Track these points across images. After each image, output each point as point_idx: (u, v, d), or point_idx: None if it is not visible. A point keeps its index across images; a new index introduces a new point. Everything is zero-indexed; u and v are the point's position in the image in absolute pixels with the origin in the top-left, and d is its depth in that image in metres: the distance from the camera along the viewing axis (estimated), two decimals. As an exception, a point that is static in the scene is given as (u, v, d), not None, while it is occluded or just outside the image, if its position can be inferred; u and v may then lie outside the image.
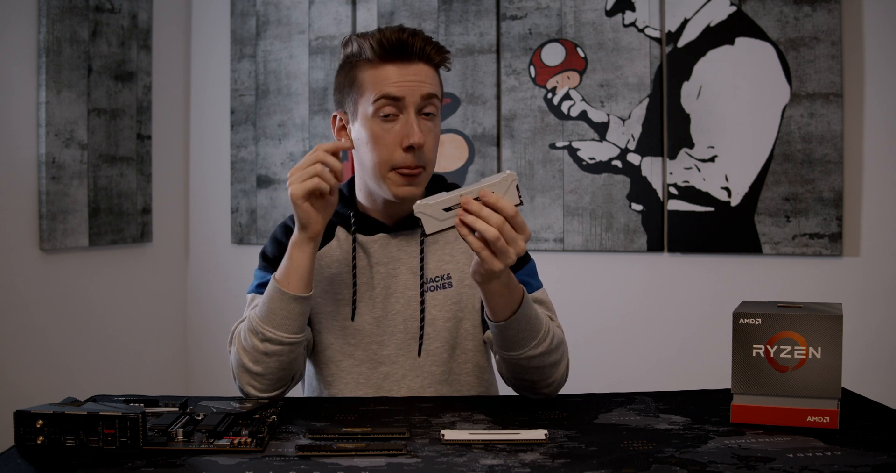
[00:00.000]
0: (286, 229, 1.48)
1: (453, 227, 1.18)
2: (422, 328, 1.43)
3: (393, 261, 1.45)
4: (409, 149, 1.34)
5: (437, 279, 1.44)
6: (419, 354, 1.43)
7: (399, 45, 1.35)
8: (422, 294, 1.43)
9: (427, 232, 1.19)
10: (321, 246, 1.45)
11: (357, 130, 1.39)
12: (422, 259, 1.44)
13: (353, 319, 1.43)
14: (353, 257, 1.44)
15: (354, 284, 1.44)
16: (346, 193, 1.49)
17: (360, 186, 1.46)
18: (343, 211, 1.46)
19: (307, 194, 1.27)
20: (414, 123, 1.34)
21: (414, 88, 1.35)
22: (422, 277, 1.44)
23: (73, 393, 2.26)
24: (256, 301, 1.42)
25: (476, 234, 1.16)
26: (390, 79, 1.34)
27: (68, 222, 2.60)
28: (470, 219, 1.16)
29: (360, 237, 1.45)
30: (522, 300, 1.26)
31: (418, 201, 1.18)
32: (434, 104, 1.38)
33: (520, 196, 1.18)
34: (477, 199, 1.16)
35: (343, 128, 1.43)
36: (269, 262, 1.46)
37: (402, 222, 1.45)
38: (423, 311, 1.43)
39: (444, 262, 1.46)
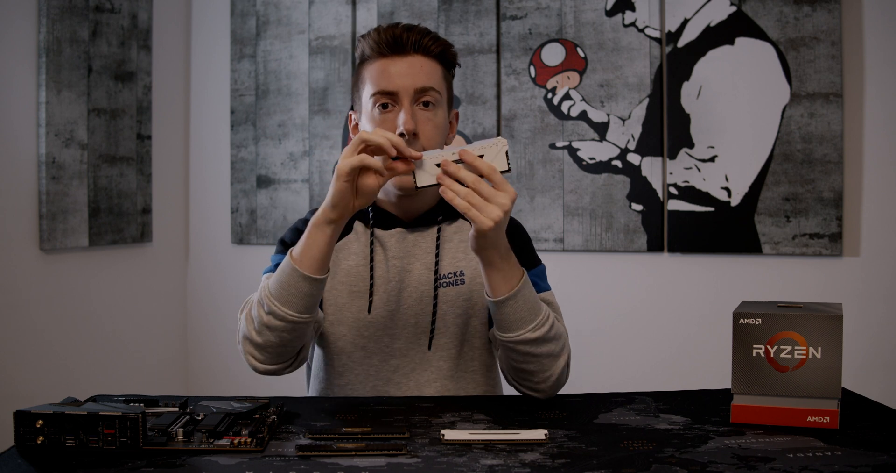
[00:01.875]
0: (307, 223, 1.49)
1: (440, 184, 1.21)
2: (433, 323, 1.45)
3: (408, 256, 1.47)
4: (402, 136, 1.36)
5: (450, 276, 1.46)
6: (429, 348, 1.45)
7: (394, 40, 1.39)
8: (435, 289, 1.45)
9: (418, 185, 1.22)
10: (339, 239, 1.46)
11: (363, 125, 1.43)
12: (437, 255, 1.46)
13: (369, 311, 1.45)
14: (371, 251, 1.46)
15: (372, 277, 1.45)
16: None
17: None
18: None
19: (351, 170, 1.22)
20: (406, 112, 1.37)
21: (407, 81, 1.38)
22: (436, 272, 1.46)
23: (73, 393, 2.26)
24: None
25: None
26: (385, 73, 1.38)
27: (68, 222, 2.60)
28: (447, 181, 1.19)
29: (378, 232, 1.47)
30: (522, 280, 1.28)
31: None
32: (432, 95, 1.39)
33: (508, 163, 1.21)
34: (459, 161, 1.20)
35: (357, 126, 1.47)
36: (287, 247, 1.46)
37: (419, 219, 1.47)
38: (435, 305, 1.45)
39: (457, 259, 1.48)
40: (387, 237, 1.47)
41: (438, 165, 1.20)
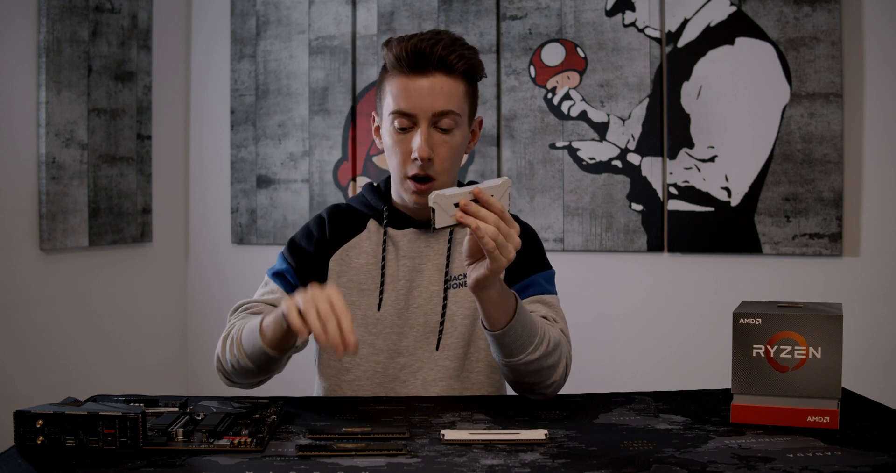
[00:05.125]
0: (319, 222, 1.52)
1: (458, 225, 1.20)
2: (442, 323, 1.46)
3: (420, 256, 1.48)
4: (416, 160, 1.38)
5: (460, 277, 1.48)
6: (437, 347, 1.46)
7: (415, 56, 1.36)
8: (445, 290, 1.47)
9: (437, 226, 1.21)
10: (351, 237, 1.50)
11: (383, 135, 1.45)
12: (448, 256, 1.48)
13: (379, 309, 1.47)
14: (383, 250, 1.48)
15: (383, 275, 1.47)
16: (383, 188, 1.54)
17: (393, 184, 1.51)
18: (377, 205, 1.51)
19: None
20: (421, 137, 1.37)
21: (426, 104, 1.36)
22: (446, 274, 1.47)
23: (73, 393, 2.26)
24: (270, 287, 1.49)
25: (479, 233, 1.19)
26: (405, 92, 1.37)
27: (68, 222, 2.60)
28: (469, 220, 1.18)
29: (391, 231, 1.49)
30: (517, 306, 1.28)
31: (435, 192, 1.20)
32: (451, 118, 1.38)
33: (508, 203, 1.23)
34: (475, 200, 1.20)
35: (378, 128, 1.49)
36: (293, 252, 1.51)
37: None
38: (444, 306, 1.46)
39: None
40: (399, 237, 1.49)
41: (455, 205, 1.20)
